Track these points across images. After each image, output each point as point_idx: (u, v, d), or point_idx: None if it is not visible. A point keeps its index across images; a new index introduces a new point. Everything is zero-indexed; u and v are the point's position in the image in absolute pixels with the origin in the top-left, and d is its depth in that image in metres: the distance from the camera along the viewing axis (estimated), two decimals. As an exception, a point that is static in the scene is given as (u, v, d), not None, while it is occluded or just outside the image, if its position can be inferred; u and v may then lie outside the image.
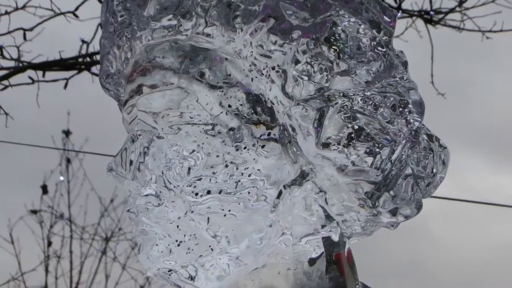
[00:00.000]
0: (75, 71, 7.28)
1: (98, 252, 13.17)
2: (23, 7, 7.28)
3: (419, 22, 7.29)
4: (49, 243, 13.22)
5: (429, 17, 7.28)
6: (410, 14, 7.23)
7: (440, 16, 7.33)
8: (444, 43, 7.60)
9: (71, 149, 13.05)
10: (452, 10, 7.28)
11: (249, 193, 1.66)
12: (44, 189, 13.20)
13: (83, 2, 7.13)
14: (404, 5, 7.14)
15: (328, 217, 1.69)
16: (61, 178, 13.20)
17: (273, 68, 1.66)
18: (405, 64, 1.71)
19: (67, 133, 13.05)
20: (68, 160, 13.16)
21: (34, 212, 13.23)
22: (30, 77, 7.29)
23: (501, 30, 7.25)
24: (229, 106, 1.66)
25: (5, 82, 7.24)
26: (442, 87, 7.26)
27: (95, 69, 7.06)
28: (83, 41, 7.13)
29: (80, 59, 7.27)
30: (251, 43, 1.66)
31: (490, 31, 7.29)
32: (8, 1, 7.27)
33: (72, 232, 13.29)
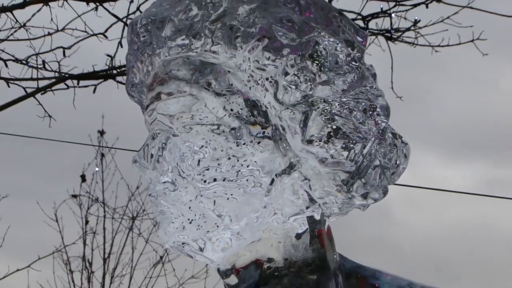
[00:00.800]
0: (104, 80, 7.27)
1: (126, 229, 13.19)
2: (63, 29, 7.26)
3: (381, 39, 7.28)
4: (87, 222, 13.23)
5: (389, 35, 7.26)
6: (374, 32, 7.20)
7: (398, 34, 7.31)
8: (401, 56, 7.60)
9: (105, 146, 13.09)
10: (408, 29, 7.26)
11: (247, 180, 1.65)
12: (83, 178, 13.25)
13: (111, 26, 7.11)
14: (369, 25, 7.15)
15: (312, 200, 1.68)
16: (97, 169, 13.22)
17: (267, 79, 1.65)
18: (374, 75, 1.71)
19: (101, 132, 13.08)
20: (102, 155, 13.17)
21: (74, 196, 13.27)
22: (68, 85, 7.28)
23: (447, 45, 7.24)
24: (231, 110, 1.66)
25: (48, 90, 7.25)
26: (400, 91, 7.27)
27: (120, 78, 7.06)
28: (109, 56, 7.12)
29: (108, 71, 7.26)
30: (249, 58, 1.65)
31: (438, 45, 7.27)
32: (50, 24, 7.26)
33: (105, 212, 13.27)
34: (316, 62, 1.65)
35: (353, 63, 1.67)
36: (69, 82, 7.30)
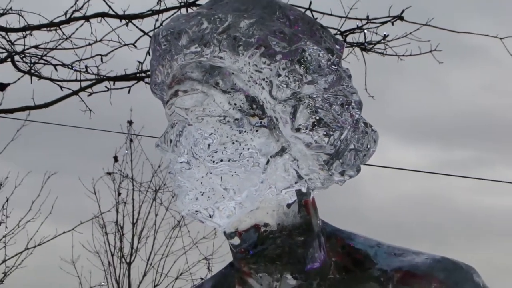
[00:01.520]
0: (135, 81, 7.27)
1: (150, 199, 13.22)
2: (101, 40, 7.26)
3: (357, 50, 7.26)
4: (119, 194, 13.24)
5: (363, 47, 7.25)
6: (351, 44, 7.20)
7: (370, 46, 7.29)
8: (373, 64, 7.60)
9: (133, 133, 13.13)
10: (378, 42, 7.24)
11: (247, 161, 1.64)
12: (115, 159, 13.30)
13: (139, 38, 7.10)
14: (347, 39, 7.13)
15: (299, 177, 1.67)
16: (126, 151, 13.28)
17: (263, 79, 1.64)
18: (349, 77, 1.70)
19: (130, 122, 13.14)
20: (131, 140, 13.21)
21: (109, 173, 13.29)
22: (106, 87, 7.28)
23: (410, 55, 7.23)
24: (235, 104, 1.65)
25: (89, 90, 7.26)
26: (372, 92, 7.26)
27: (148, 80, 7.07)
28: (139, 62, 7.12)
29: (138, 75, 7.26)
30: (249, 63, 1.64)
31: (403, 55, 7.26)
32: (90, 36, 7.25)
33: (134, 186, 13.30)
34: (303, 65, 1.64)
35: (333, 66, 1.67)
36: (106, 83, 7.31)
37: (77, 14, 7.26)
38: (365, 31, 7.26)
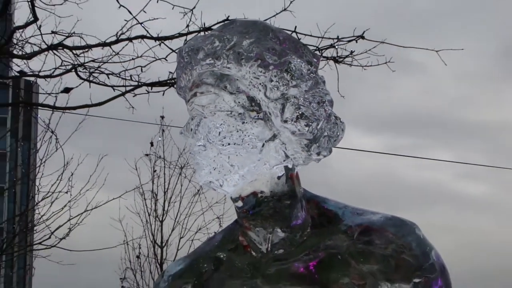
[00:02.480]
0: (166, 87, 7.27)
1: (177, 174, 13.27)
2: (141, 56, 7.27)
3: (331, 62, 7.26)
4: (154, 170, 13.35)
5: (336, 59, 7.25)
6: (326, 58, 7.19)
7: (341, 59, 7.29)
8: (343, 72, 7.61)
9: (164, 124, 13.18)
10: (347, 56, 7.24)
11: (248, 144, 1.63)
12: (152, 144, 13.45)
13: (169, 54, 7.11)
14: (324, 54, 7.13)
15: (287, 156, 1.66)
16: (159, 138, 13.38)
17: (260, 84, 1.63)
18: (324, 82, 1.69)
19: (162, 117, 13.28)
20: (163, 130, 13.33)
21: (146, 155, 13.41)
22: (146, 90, 7.29)
23: (371, 65, 7.23)
24: (239, 102, 1.64)
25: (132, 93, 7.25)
26: (343, 93, 7.27)
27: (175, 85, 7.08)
28: (170, 72, 7.12)
29: (168, 81, 7.25)
30: (249, 71, 1.63)
31: (365, 65, 7.26)
32: (133, 52, 7.27)
33: (165, 164, 13.36)
34: (289, 74, 1.63)
35: (311, 74, 1.66)
36: (145, 88, 7.33)
37: (123, 36, 7.27)
38: (337, 48, 7.27)
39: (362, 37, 7.19)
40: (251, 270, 1.68)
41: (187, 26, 7.12)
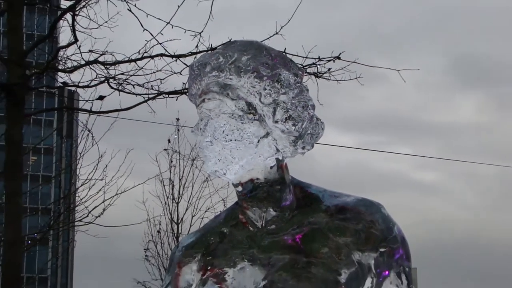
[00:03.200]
0: (179, 94, 7.26)
1: (190, 164, 13.26)
2: (160, 70, 7.27)
3: (313, 77, 7.26)
4: (171, 161, 13.30)
5: (316, 75, 7.24)
6: (309, 73, 7.18)
7: (321, 74, 7.28)
8: (322, 85, 7.61)
9: (179, 125, 13.09)
10: (325, 72, 7.24)
11: (246, 140, 1.62)
12: (169, 141, 13.35)
13: (183, 69, 7.10)
14: (307, 70, 7.12)
15: (277, 150, 1.65)
16: (175, 136, 13.31)
17: (256, 92, 1.62)
18: (307, 90, 1.68)
19: (177, 119, 13.12)
20: (178, 130, 13.20)
21: (165, 149, 13.35)
22: (163, 96, 7.27)
23: (345, 80, 7.23)
24: (239, 107, 1.62)
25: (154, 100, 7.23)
26: (322, 101, 7.27)
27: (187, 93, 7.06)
28: (184, 83, 7.12)
29: (182, 90, 7.24)
30: (247, 82, 1.62)
31: (340, 80, 7.26)
32: (154, 67, 7.27)
33: (180, 156, 13.32)
34: (279, 83, 1.61)
35: (297, 84, 1.64)
36: (163, 95, 7.31)
37: (146, 54, 7.25)
38: (317, 65, 7.26)
39: (338, 57, 7.18)
40: (249, 242, 1.66)
41: (197, 46, 7.13)
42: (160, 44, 7.17)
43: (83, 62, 7.40)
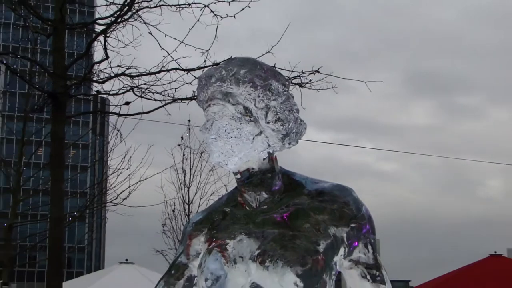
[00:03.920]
0: (190, 100, 7.23)
1: (199, 157, 13.19)
2: (175, 81, 7.21)
3: (297, 87, 7.20)
4: (183, 155, 13.23)
5: (300, 85, 7.18)
6: (294, 84, 7.13)
7: (303, 84, 7.21)
8: (305, 93, 7.57)
9: (190, 125, 13.07)
10: (307, 83, 7.12)
11: (244, 137, 1.61)
12: (182, 138, 13.23)
13: (193, 80, 7.05)
14: (293, 81, 7.04)
15: (269, 145, 1.64)
16: (187, 134, 13.24)
17: (252, 98, 1.61)
18: (293, 97, 1.67)
19: (189, 120, 13.07)
20: (189, 128, 13.16)
21: (179, 145, 13.25)
22: (177, 102, 7.24)
23: (323, 89, 7.11)
24: (238, 110, 1.61)
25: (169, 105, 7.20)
26: (304, 106, 7.21)
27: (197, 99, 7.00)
28: (193, 91, 7.08)
29: (193, 97, 7.21)
30: (244, 90, 1.61)
31: (319, 89, 7.13)
32: (169, 79, 7.24)
33: (190, 151, 13.28)
34: (270, 91, 1.60)
35: (285, 92, 1.63)
36: (177, 101, 7.27)
37: (163, 68, 7.22)
38: (301, 78, 7.23)
39: (317, 71, 7.13)
40: (246, 219, 1.65)
41: (204, 61, 7.07)
42: (175, 60, 7.12)
43: (113, 75, 7.37)
